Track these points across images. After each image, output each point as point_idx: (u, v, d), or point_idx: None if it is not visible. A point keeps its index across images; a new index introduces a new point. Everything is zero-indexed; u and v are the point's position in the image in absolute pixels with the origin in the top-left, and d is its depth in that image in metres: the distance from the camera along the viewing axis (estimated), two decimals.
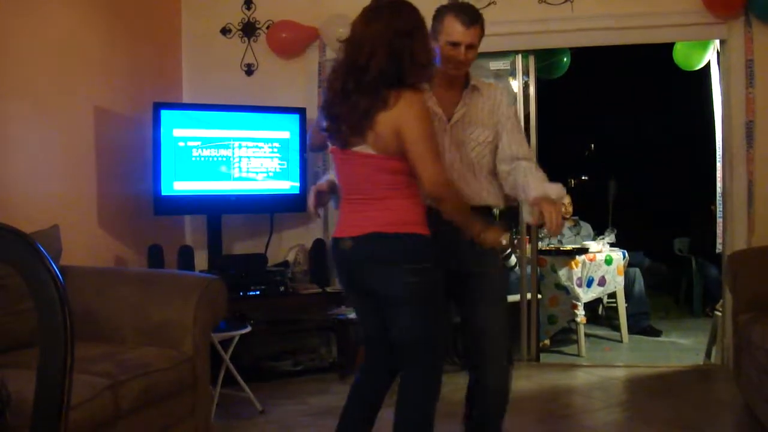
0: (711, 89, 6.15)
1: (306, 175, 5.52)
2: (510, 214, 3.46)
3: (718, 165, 6.21)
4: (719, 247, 6.29)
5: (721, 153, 5.92)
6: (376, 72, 2.73)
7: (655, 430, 4.23)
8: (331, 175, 3.24)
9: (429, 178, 2.78)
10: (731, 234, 5.45)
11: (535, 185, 3.16)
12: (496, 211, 3.43)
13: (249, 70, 5.94)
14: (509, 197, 3.41)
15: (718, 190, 6.25)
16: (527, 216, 3.30)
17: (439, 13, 3.21)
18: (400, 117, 2.74)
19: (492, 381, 3.31)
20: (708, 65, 6.17)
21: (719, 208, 6.22)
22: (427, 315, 2.92)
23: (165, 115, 5.07)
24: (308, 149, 3.31)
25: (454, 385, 3.84)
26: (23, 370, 2.22)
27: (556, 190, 3.16)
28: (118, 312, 3.75)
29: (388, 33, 2.75)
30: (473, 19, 3.16)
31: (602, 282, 6.66)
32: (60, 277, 1.49)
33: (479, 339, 3.30)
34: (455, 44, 3.15)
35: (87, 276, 3.93)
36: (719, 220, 6.31)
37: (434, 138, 2.87)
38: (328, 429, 3.63)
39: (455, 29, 3.14)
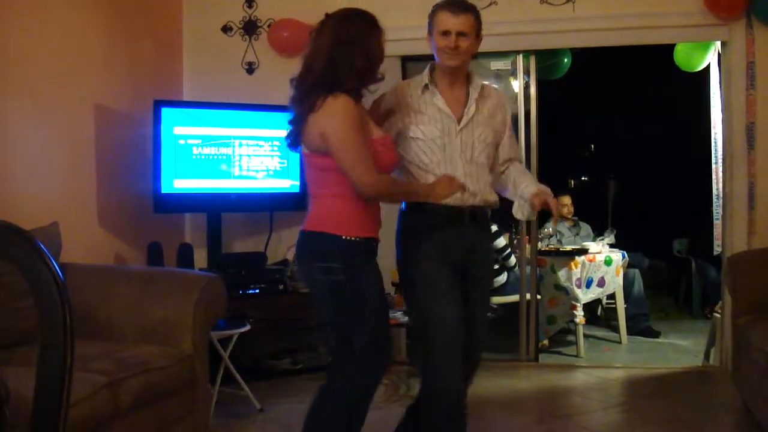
0: (711, 91, 6.16)
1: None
2: (510, 215, 3.50)
3: (714, 167, 6.23)
4: (717, 249, 6.30)
5: (720, 155, 5.93)
6: (313, 80, 2.91)
7: (653, 431, 4.23)
8: None
9: (357, 182, 2.89)
10: (731, 236, 5.44)
11: (531, 182, 3.36)
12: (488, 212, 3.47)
13: (250, 69, 5.94)
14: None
15: (714, 192, 6.27)
16: (522, 210, 3.38)
17: (432, 11, 3.31)
18: (322, 120, 2.88)
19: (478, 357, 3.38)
20: (708, 67, 6.17)
21: (716, 209, 6.23)
22: (337, 313, 3.03)
23: (165, 112, 5.07)
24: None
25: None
26: (23, 367, 2.22)
27: (546, 188, 3.32)
28: (118, 310, 3.75)
29: (329, 43, 2.90)
30: (462, 7, 3.25)
31: (601, 283, 6.67)
32: (60, 274, 1.49)
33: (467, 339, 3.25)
34: (445, 33, 3.22)
35: (87, 274, 3.93)
36: (716, 222, 6.33)
37: (355, 139, 2.91)
38: None
39: (444, 18, 3.23)
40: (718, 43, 5.72)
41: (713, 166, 6.34)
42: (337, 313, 3.03)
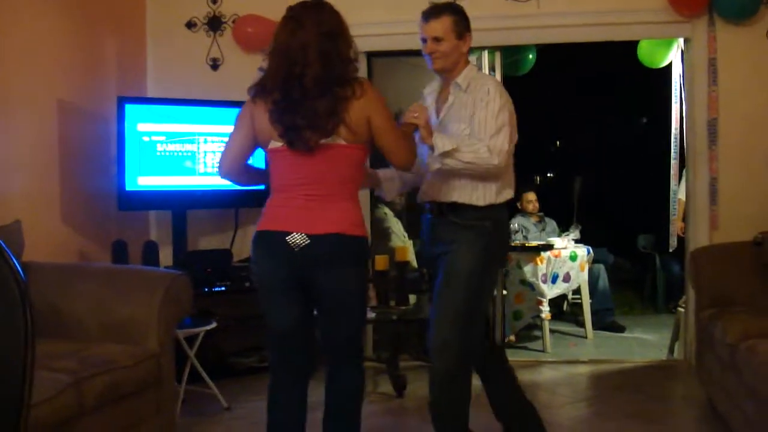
0: (673, 87, 6.22)
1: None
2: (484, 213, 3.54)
3: (672, 163, 6.29)
4: (672, 245, 6.39)
5: (677, 151, 6.00)
6: (312, 78, 2.86)
7: (619, 425, 4.27)
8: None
9: (403, 155, 3.06)
10: (694, 231, 5.50)
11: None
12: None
13: (214, 65, 5.90)
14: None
15: (672, 188, 6.34)
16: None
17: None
18: (370, 105, 2.92)
19: (434, 368, 3.36)
20: (671, 64, 6.24)
21: (672, 206, 6.30)
22: (362, 312, 3.18)
23: (129, 109, 5.02)
24: (221, 176, 3.33)
25: (422, 381, 3.85)
26: None
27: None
28: (82, 308, 3.72)
29: (315, 36, 2.89)
30: (431, 13, 3.34)
31: (567, 278, 6.71)
32: (21, 272, 1.47)
33: (430, 329, 3.37)
34: (423, 40, 3.35)
35: (50, 272, 3.89)
36: (672, 218, 6.41)
37: (393, 120, 3.07)
38: None
39: (420, 26, 3.35)
40: (681, 40, 5.77)
41: (672, 162, 6.41)
42: (362, 312, 3.18)
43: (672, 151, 6.30)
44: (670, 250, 6.64)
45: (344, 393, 3.14)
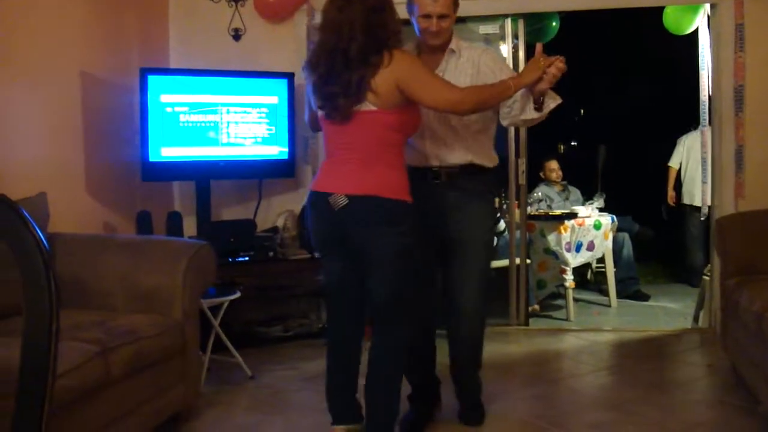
0: (700, 54, 6.13)
1: (294, 140, 5.50)
2: (498, 177, 3.61)
3: (701, 130, 6.21)
4: (704, 213, 6.33)
5: (707, 118, 5.92)
6: (358, 50, 3.00)
7: (642, 393, 4.27)
8: None
9: (449, 102, 3.12)
10: (720, 198, 5.46)
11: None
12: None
13: (236, 35, 5.88)
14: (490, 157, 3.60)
15: (701, 155, 6.28)
16: (528, 107, 3.38)
17: None
18: (397, 71, 3.02)
19: (463, 333, 3.61)
20: (698, 30, 6.15)
21: (703, 173, 6.24)
22: (403, 274, 3.16)
23: (152, 80, 5.03)
24: (311, 130, 3.58)
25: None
26: (10, 337, 2.21)
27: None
28: (108, 279, 3.75)
29: (363, 15, 3.01)
30: None
31: (591, 247, 6.69)
32: (45, 243, 1.49)
33: (452, 293, 3.57)
34: (427, 16, 3.37)
35: (75, 243, 3.92)
36: (704, 186, 6.32)
37: (430, 73, 3.17)
38: (318, 393, 3.68)
39: (424, 2, 3.36)
40: (707, 6, 5.69)
41: (701, 129, 6.34)
42: (403, 275, 3.16)
43: (701, 118, 6.22)
44: (702, 218, 6.60)
45: (380, 355, 3.23)
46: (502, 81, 3.24)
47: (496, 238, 6.18)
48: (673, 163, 8.15)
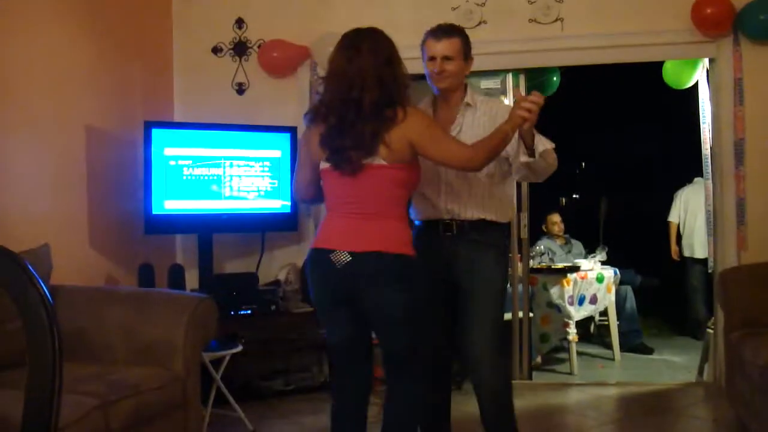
0: (700, 107, 6.17)
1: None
2: (508, 230, 3.65)
3: (705, 183, 6.21)
4: (710, 266, 6.30)
5: (709, 171, 5.94)
6: (370, 102, 2.95)
7: None
8: None
9: (461, 160, 3.11)
10: (722, 251, 5.45)
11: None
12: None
13: (240, 89, 5.94)
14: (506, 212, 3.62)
15: (706, 208, 6.26)
16: (521, 151, 3.36)
17: (422, 39, 3.51)
18: (411, 128, 3.00)
19: (482, 383, 3.52)
20: (697, 83, 6.20)
21: (708, 226, 6.23)
22: (413, 332, 3.10)
23: (156, 133, 5.06)
24: (300, 199, 3.55)
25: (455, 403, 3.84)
26: (11, 390, 2.20)
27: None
28: (109, 331, 3.73)
29: (374, 66, 2.99)
30: (444, 32, 3.45)
31: (594, 300, 6.67)
32: (49, 297, 1.48)
33: (466, 344, 3.51)
34: (432, 58, 3.44)
35: (78, 295, 3.92)
36: (708, 239, 6.31)
37: (442, 131, 3.17)
38: None
39: (428, 45, 3.45)
40: (707, 60, 5.75)
41: (705, 182, 6.35)
42: (414, 330, 3.11)
43: (704, 171, 6.23)
44: (709, 271, 6.59)
45: (396, 411, 3.18)
46: (497, 128, 3.20)
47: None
48: (673, 217, 8.20)
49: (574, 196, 13.29)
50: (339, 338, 3.20)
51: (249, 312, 5.18)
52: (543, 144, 3.35)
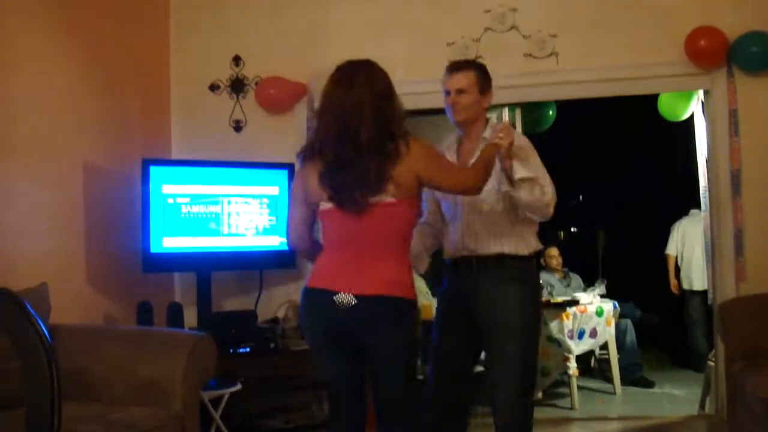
0: (697, 139, 6.20)
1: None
2: (534, 263, 3.64)
3: (703, 215, 6.21)
4: (710, 298, 6.29)
5: (707, 203, 5.95)
6: (367, 137, 2.86)
7: None
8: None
9: (466, 186, 3.12)
10: (721, 283, 5.44)
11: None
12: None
13: (237, 126, 5.96)
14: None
15: (705, 240, 6.27)
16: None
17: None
18: (417, 160, 2.94)
19: (498, 423, 3.50)
20: (693, 116, 6.23)
21: (706, 258, 6.23)
22: (409, 376, 3.05)
23: (154, 171, 5.07)
24: (295, 249, 3.44)
25: None
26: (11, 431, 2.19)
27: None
28: (107, 370, 3.72)
29: (370, 99, 2.91)
30: (456, 66, 3.55)
31: (594, 334, 6.64)
32: (48, 337, 1.48)
33: (489, 385, 3.50)
34: (447, 92, 3.51)
35: (76, 334, 3.90)
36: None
37: (446, 159, 3.23)
38: None
39: (444, 79, 3.53)
40: (701, 92, 5.78)
41: (702, 214, 6.36)
42: (411, 374, 3.06)
43: (701, 203, 6.25)
44: (709, 303, 6.59)
45: None
46: (484, 153, 3.25)
47: None
48: (670, 250, 8.21)
49: (572, 229, 13.29)
50: (335, 375, 3.12)
51: (248, 350, 5.15)
52: (522, 172, 3.33)
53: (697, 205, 6.50)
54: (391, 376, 3.02)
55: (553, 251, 7.81)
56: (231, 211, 5.30)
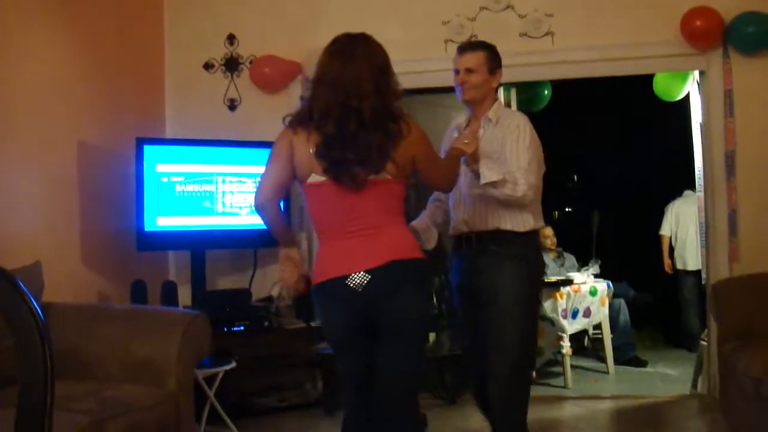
0: (692, 120, 6.20)
1: (289, 209, 5.52)
2: (534, 241, 3.64)
3: (698, 195, 6.22)
4: (704, 278, 6.32)
5: (701, 184, 5.96)
6: (370, 111, 2.82)
7: None
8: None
9: (451, 180, 3.19)
10: (714, 263, 5.46)
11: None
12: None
13: (232, 105, 5.95)
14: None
15: (699, 221, 6.28)
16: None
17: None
18: (416, 145, 2.93)
19: (493, 395, 3.48)
20: (688, 96, 6.23)
21: (700, 238, 6.25)
22: (424, 338, 3.11)
23: (148, 150, 5.06)
24: (257, 205, 3.27)
25: (442, 420, 3.82)
26: (3, 409, 2.19)
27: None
28: (102, 349, 3.72)
29: (369, 72, 2.86)
30: (466, 47, 3.63)
31: (587, 313, 6.66)
32: (41, 314, 1.48)
33: (487, 362, 3.48)
34: (456, 71, 3.57)
35: (70, 313, 3.90)
36: (702, 250, 6.33)
37: (435, 152, 3.17)
38: None
39: (455, 59, 3.60)
40: (697, 73, 5.78)
41: (697, 194, 6.37)
42: (422, 337, 3.08)
43: (696, 183, 6.26)
44: (703, 283, 6.61)
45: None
46: (449, 154, 3.30)
47: None
48: (664, 231, 8.22)
49: (567, 209, 13.29)
50: (359, 366, 3.03)
51: (242, 328, 5.17)
52: (488, 176, 3.31)
53: (692, 186, 6.50)
54: (407, 346, 2.93)
55: (548, 231, 7.81)
56: (225, 189, 5.30)
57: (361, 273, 2.86)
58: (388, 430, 2.97)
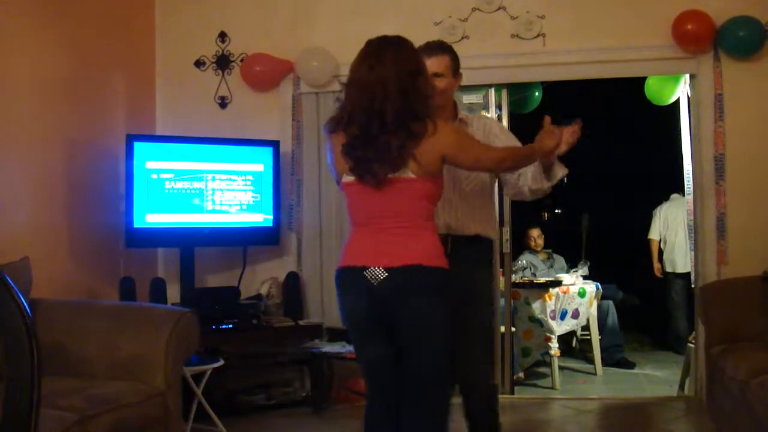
0: (682, 123, 6.21)
1: (279, 207, 5.52)
2: (486, 246, 3.63)
3: (687, 198, 6.24)
4: (693, 281, 6.33)
5: (690, 187, 5.97)
6: (393, 114, 2.85)
7: None
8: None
9: (494, 162, 3.15)
10: (703, 266, 5.48)
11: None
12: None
13: (223, 103, 5.94)
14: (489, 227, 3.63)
15: (688, 223, 6.29)
16: (538, 177, 3.50)
17: None
18: (443, 141, 2.92)
19: (473, 402, 3.50)
20: (678, 100, 6.24)
21: (689, 241, 6.26)
22: (444, 344, 3.00)
23: (138, 147, 5.05)
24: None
25: None
26: None
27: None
28: (89, 346, 3.71)
29: (397, 75, 2.89)
30: (432, 49, 3.47)
31: (576, 314, 6.68)
32: (28, 310, 1.47)
33: (463, 360, 3.45)
34: None
35: (57, 309, 3.89)
36: (691, 253, 6.35)
37: (471, 139, 3.15)
38: None
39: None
40: (687, 76, 5.79)
41: (686, 197, 6.38)
42: (444, 344, 3.01)
43: (686, 186, 6.27)
44: (692, 286, 6.62)
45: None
46: (528, 146, 3.26)
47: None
48: (653, 235, 8.25)
49: (556, 210, 13.33)
50: (374, 356, 3.06)
51: (231, 326, 5.16)
52: (561, 170, 3.44)
53: (680, 190, 6.52)
54: (425, 350, 2.96)
55: (535, 232, 7.84)
56: (215, 187, 5.29)
57: (380, 269, 2.91)
58: (408, 428, 3.01)
